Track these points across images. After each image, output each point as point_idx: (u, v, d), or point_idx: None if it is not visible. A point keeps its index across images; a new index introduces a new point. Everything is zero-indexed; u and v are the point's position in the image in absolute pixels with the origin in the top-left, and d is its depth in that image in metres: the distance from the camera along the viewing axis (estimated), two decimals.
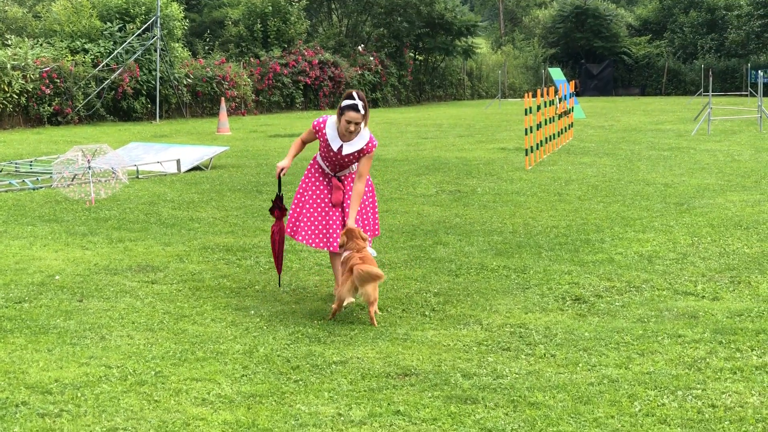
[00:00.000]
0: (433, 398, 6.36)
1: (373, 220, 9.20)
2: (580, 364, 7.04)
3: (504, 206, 14.55)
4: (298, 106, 43.16)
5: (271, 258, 10.11)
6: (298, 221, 8.99)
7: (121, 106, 34.42)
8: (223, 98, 32.75)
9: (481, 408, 6.18)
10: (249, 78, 40.22)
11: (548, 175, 18.25)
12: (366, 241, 8.56)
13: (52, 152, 22.25)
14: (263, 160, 21.23)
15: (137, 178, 18.15)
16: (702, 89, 50.38)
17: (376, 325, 8.11)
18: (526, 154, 19.54)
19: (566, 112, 25.56)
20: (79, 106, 32.65)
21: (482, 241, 11.81)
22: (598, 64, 62.24)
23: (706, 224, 12.77)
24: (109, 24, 35.26)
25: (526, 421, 5.96)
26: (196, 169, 19.56)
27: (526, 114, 19.75)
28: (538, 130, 20.44)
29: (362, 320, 8.35)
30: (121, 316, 8.44)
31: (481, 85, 58.32)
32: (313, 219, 8.91)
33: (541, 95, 21.55)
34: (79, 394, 6.41)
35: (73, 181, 16.11)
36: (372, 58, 47.29)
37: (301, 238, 8.93)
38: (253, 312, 8.61)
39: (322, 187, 8.98)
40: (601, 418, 6.01)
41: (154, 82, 35.01)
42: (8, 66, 30.17)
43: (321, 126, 8.84)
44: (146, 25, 35.16)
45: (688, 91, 58.24)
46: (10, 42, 32.93)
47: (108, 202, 15.08)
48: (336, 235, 8.78)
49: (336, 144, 8.75)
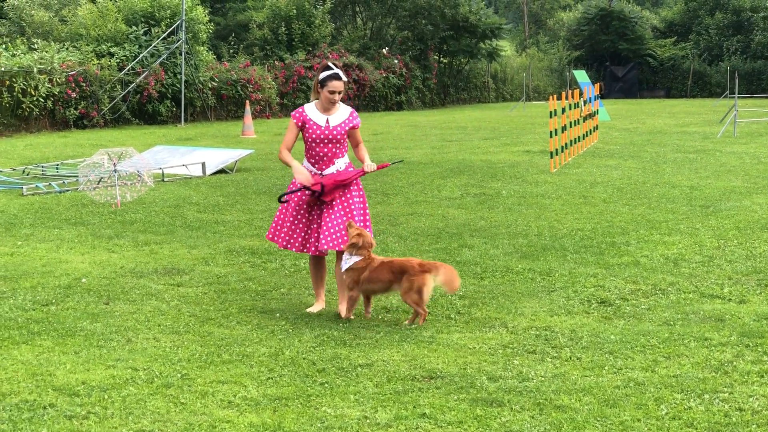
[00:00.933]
0: (459, 401, 6.35)
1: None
2: (606, 367, 7.02)
3: (529, 209, 14.53)
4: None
5: (297, 261, 10.16)
6: (280, 227, 8.87)
7: (147, 109, 34.52)
8: (247, 101, 32.75)
9: (506, 411, 6.18)
10: (273, 81, 40.25)
11: (573, 177, 18.21)
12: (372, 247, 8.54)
13: (78, 155, 22.35)
14: None
15: (162, 181, 18.21)
16: (728, 91, 50.09)
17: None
18: (551, 157, 19.50)
19: (591, 115, 25.49)
20: (105, 109, 32.76)
21: (507, 243, 11.80)
22: (623, 66, 62.01)
23: (732, 227, 12.72)
24: (134, 28, 35.36)
25: (552, 425, 5.95)
26: (221, 172, 19.61)
27: (551, 117, 19.71)
28: (563, 132, 20.39)
29: (387, 323, 8.36)
30: (147, 319, 8.48)
31: (505, 88, 58.21)
32: (295, 225, 8.80)
33: (566, 98, 21.50)
34: (106, 397, 6.44)
35: (99, 184, 16.18)
36: (396, 61, 47.26)
37: (283, 243, 8.83)
38: (278, 315, 8.63)
39: (305, 195, 8.84)
40: (628, 421, 5.99)
41: (179, 86, 35.11)
42: (35, 70, 30.31)
43: (301, 113, 8.75)
44: (171, 29, 35.24)
45: (714, 94, 57.94)
46: (36, 46, 33.08)
47: (134, 205, 15.14)
48: (315, 238, 8.69)
49: (322, 119, 8.69)
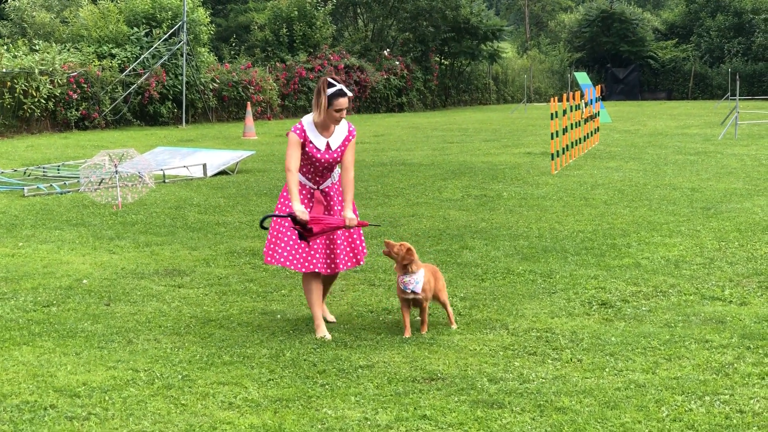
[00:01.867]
0: (460, 403, 6.36)
1: (361, 247, 8.54)
2: (607, 369, 7.02)
3: (530, 211, 14.53)
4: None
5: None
6: (276, 245, 8.22)
7: (148, 110, 34.54)
8: (249, 103, 32.77)
9: (507, 413, 6.18)
10: (275, 82, 40.27)
11: (574, 179, 18.21)
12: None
13: (80, 157, 22.36)
14: None
15: (164, 182, 18.22)
16: (729, 93, 50.10)
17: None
18: (552, 159, 19.50)
19: (592, 117, 25.49)
20: (106, 110, 32.78)
21: (508, 245, 11.80)
22: (624, 68, 62.04)
23: (733, 229, 12.71)
24: (135, 29, 35.38)
25: (553, 426, 5.95)
26: (223, 173, 19.61)
27: (552, 118, 19.71)
28: (564, 134, 20.39)
29: (388, 324, 8.36)
30: (148, 320, 8.48)
31: (506, 90, 58.22)
32: (293, 241, 8.15)
33: (567, 100, 21.49)
34: (107, 398, 6.45)
35: (100, 185, 16.18)
36: (398, 63, 47.27)
37: (282, 261, 8.14)
38: (279, 316, 8.63)
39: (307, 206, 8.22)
40: (628, 423, 5.99)
41: (180, 87, 35.12)
42: (36, 71, 30.32)
43: (303, 131, 8.10)
44: (173, 30, 35.26)
45: (715, 95, 57.97)
46: (38, 47, 33.11)
47: (135, 207, 15.15)
48: (317, 255, 8.14)
49: (322, 143, 8.11)
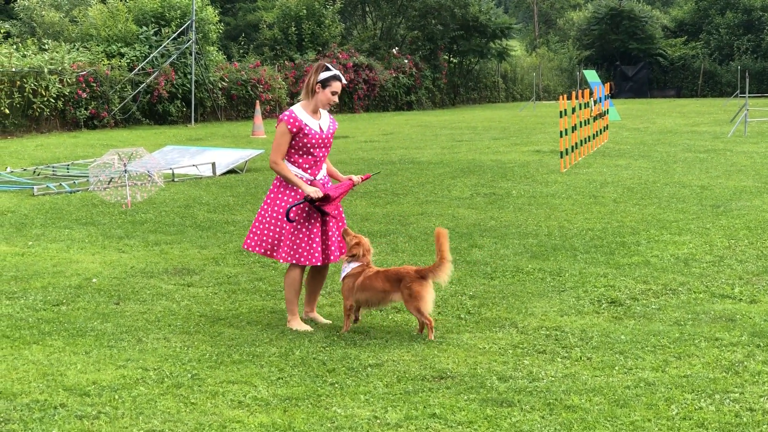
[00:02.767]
0: (469, 401, 6.35)
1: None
2: (617, 368, 7.01)
3: (539, 209, 14.51)
4: (332, 109, 42.99)
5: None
6: (279, 240, 8.21)
7: (157, 109, 34.59)
8: (257, 101, 32.78)
9: (517, 411, 6.17)
10: (283, 81, 40.30)
11: (583, 177, 18.19)
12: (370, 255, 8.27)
13: (89, 156, 22.40)
14: None
15: (173, 181, 18.23)
16: (738, 91, 50.03)
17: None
18: (561, 157, 19.48)
19: (601, 115, 25.45)
20: (115, 109, 32.84)
21: (517, 243, 11.79)
22: (634, 65, 61.97)
23: (743, 226, 12.69)
24: (144, 28, 35.44)
25: (563, 425, 5.94)
26: (232, 172, 19.63)
27: (561, 116, 19.68)
28: (573, 132, 20.37)
29: (397, 323, 8.36)
30: (157, 319, 8.49)
31: (515, 88, 58.20)
32: (294, 236, 8.19)
33: (576, 97, 21.47)
34: (117, 397, 6.46)
35: (109, 184, 16.21)
36: (406, 61, 47.26)
37: (284, 256, 8.18)
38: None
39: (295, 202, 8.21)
40: (638, 421, 5.98)
41: (189, 86, 35.17)
42: (45, 70, 30.39)
43: (296, 118, 8.27)
44: (181, 29, 35.31)
45: (725, 93, 57.88)
46: (47, 46, 33.17)
47: (144, 206, 15.16)
48: (317, 248, 8.21)
49: (315, 125, 8.34)
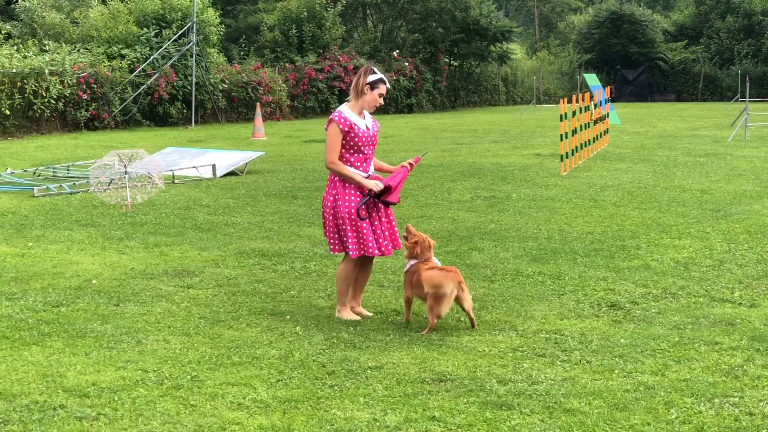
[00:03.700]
0: (469, 404, 6.35)
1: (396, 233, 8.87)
2: (616, 371, 7.02)
3: (539, 212, 14.52)
4: (333, 111, 43.16)
5: (307, 263, 10.20)
6: (346, 237, 8.51)
7: (157, 111, 34.58)
8: (258, 103, 32.77)
9: (516, 414, 6.17)
10: (284, 83, 40.30)
11: (583, 181, 18.19)
12: (431, 250, 8.57)
13: (89, 157, 22.39)
14: (298, 165, 21.29)
15: (173, 183, 18.24)
16: (739, 95, 50.05)
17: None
18: (561, 160, 19.48)
19: (601, 118, 25.45)
20: (116, 111, 32.82)
21: (517, 247, 11.79)
22: (634, 69, 62.01)
23: (743, 231, 12.69)
24: (145, 29, 35.44)
25: (562, 428, 5.95)
26: (232, 174, 19.63)
27: (561, 120, 19.69)
28: (573, 135, 20.37)
29: (397, 325, 8.36)
30: (157, 321, 8.49)
31: (516, 91, 58.21)
32: (356, 230, 8.50)
33: (577, 101, 21.48)
34: (116, 398, 6.46)
35: (109, 185, 16.21)
36: (407, 64, 47.25)
37: (353, 249, 8.50)
38: (288, 317, 8.63)
39: (360, 197, 8.54)
40: (638, 425, 5.98)
41: (189, 88, 35.17)
42: (46, 71, 30.38)
43: (346, 118, 8.48)
44: (182, 31, 35.30)
45: (725, 97, 57.92)
46: (48, 48, 33.17)
47: (144, 207, 15.16)
48: (375, 240, 8.57)
49: (362, 124, 8.57)
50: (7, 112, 29.37)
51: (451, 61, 52.44)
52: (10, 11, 42.46)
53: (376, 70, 8.63)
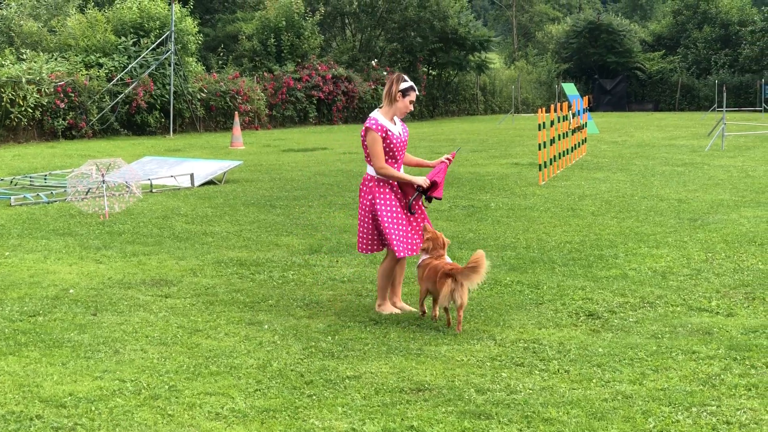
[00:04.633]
0: (447, 413, 6.35)
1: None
2: (594, 380, 7.03)
3: (517, 221, 14.54)
4: (311, 120, 43.22)
5: (285, 273, 10.18)
6: (405, 236, 9.02)
7: (135, 120, 34.52)
8: (236, 112, 32.76)
9: (494, 424, 6.17)
10: (262, 92, 40.29)
11: (562, 190, 18.24)
12: (445, 248, 8.93)
13: (67, 166, 22.32)
14: (276, 175, 21.26)
15: (151, 192, 18.19)
16: (716, 105, 50.35)
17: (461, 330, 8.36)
18: (540, 170, 19.53)
19: (580, 128, 25.54)
20: (93, 120, 32.74)
21: (495, 256, 11.80)
22: (612, 79, 62.27)
23: (720, 240, 12.74)
24: (123, 38, 35.39)
25: None
26: (210, 183, 19.60)
27: (540, 129, 19.74)
28: (551, 145, 20.43)
29: (375, 335, 8.35)
30: (134, 330, 8.46)
31: (494, 100, 58.36)
32: (401, 230, 9.01)
33: (555, 110, 21.53)
34: (93, 408, 6.43)
35: (87, 195, 16.15)
36: (385, 73, 47.31)
37: (401, 249, 8.96)
38: (266, 326, 8.61)
39: (396, 198, 9.06)
40: None
41: (167, 97, 35.11)
42: (23, 80, 30.30)
43: (381, 124, 8.90)
44: (160, 40, 35.27)
45: (702, 107, 58.23)
46: (25, 56, 33.08)
47: (122, 216, 15.12)
48: (414, 238, 9.04)
49: (396, 130, 8.96)
50: None
51: (430, 71, 52.53)
52: None
53: (406, 78, 9.04)
